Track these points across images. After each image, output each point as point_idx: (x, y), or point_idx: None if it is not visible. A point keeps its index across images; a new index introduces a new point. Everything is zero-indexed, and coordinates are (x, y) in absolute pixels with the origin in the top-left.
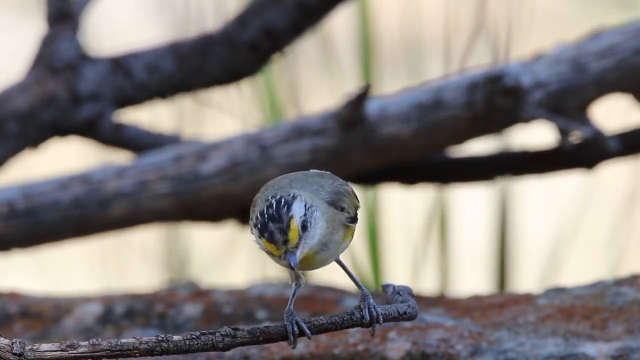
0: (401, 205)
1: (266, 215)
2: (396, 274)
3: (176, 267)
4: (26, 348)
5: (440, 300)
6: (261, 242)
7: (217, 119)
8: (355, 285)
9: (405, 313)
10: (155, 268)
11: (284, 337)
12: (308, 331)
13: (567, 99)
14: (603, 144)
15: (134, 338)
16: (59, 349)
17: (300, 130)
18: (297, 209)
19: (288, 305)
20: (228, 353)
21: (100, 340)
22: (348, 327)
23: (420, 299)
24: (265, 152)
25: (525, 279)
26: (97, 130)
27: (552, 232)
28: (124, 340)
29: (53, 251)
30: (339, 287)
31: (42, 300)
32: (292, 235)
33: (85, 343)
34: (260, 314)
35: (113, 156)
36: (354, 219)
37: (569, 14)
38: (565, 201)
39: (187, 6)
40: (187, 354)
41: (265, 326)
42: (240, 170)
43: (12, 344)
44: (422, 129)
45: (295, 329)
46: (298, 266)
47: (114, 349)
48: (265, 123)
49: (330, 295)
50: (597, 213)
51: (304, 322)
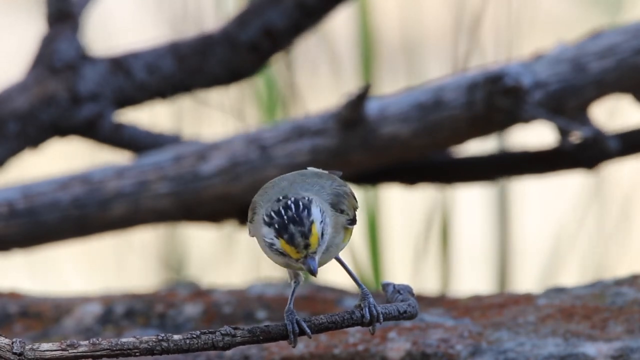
0: (401, 205)
1: (285, 217)
2: (396, 274)
3: (176, 267)
4: (26, 347)
5: (440, 300)
6: (277, 242)
7: (217, 119)
8: (356, 284)
9: (405, 312)
10: (155, 268)
11: (285, 336)
12: (308, 330)
13: (567, 99)
14: (603, 144)
15: (134, 337)
16: (59, 348)
17: (300, 130)
18: (316, 213)
19: (288, 305)
20: (228, 353)
21: (100, 339)
22: (348, 326)
23: (420, 299)
24: (265, 152)
25: (525, 279)
26: (97, 130)
27: (552, 232)
28: (124, 339)
29: (53, 251)
30: (339, 287)
31: (42, 300)
32: (313, 240)
33: (86, 342)
34: (260, 314)
35: (113, 156)
36: (354, 220)
37: (569, 14)
38: (565, 201)
39: (187, 6)
40: (187, 353)
41: (266, 325)
42: (240, 170)
43: (12, 343)
44: (422, 129)
45: (296, 328)
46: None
47: (114, 349)
48: (265, 123)
49: (330, 295)
50: (597, 213)
51: (304, 321)
